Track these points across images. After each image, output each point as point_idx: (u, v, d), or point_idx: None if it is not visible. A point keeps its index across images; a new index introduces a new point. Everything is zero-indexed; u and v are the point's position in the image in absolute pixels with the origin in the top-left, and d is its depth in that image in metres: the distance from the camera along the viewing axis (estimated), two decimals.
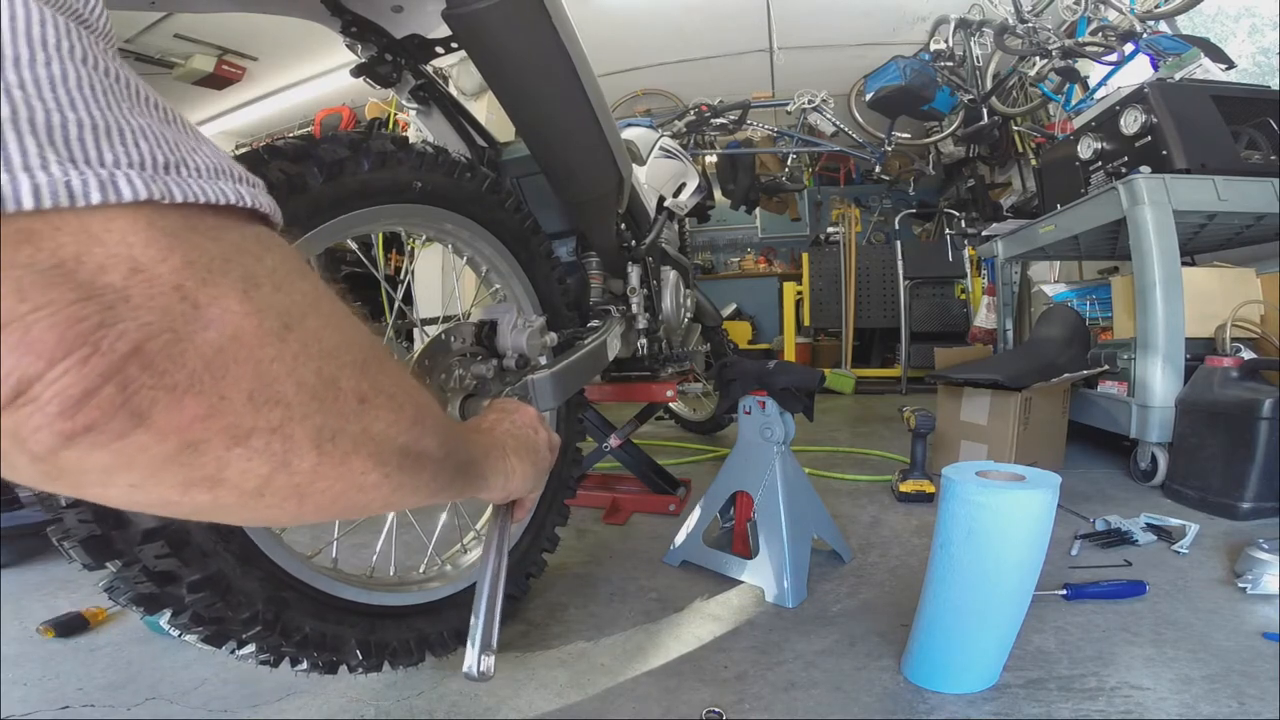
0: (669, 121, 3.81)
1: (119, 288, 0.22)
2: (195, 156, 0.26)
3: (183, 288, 0.24)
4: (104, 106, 0.23)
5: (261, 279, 0.27)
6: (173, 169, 0.25)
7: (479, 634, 0.57)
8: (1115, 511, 1.56)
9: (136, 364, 0.22)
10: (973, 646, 0.90)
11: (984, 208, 4.14)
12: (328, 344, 0.29)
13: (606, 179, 1.27)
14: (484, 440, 0.53)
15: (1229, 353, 1.85)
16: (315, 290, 0.30)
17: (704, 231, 6.42)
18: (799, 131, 4.13)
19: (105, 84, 0.23)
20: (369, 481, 0.33)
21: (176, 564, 0.65)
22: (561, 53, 1.01)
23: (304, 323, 0.28)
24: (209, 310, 0.24)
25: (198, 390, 0.24)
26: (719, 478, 1.37)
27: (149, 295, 0.23)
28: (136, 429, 0.23)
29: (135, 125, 0.24)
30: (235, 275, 0.26)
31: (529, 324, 1.01)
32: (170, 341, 0.23)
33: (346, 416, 0.30)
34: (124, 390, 0.22)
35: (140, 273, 0.23)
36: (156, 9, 0.92)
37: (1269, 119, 2.05)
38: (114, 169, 0.22)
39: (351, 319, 0.32)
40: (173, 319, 0.23)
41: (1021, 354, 2.48)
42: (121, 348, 0.22)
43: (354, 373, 0.31)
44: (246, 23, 3.52)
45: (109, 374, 0.22)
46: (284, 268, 0.28)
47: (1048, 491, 0.84)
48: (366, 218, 0.87)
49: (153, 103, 0.26)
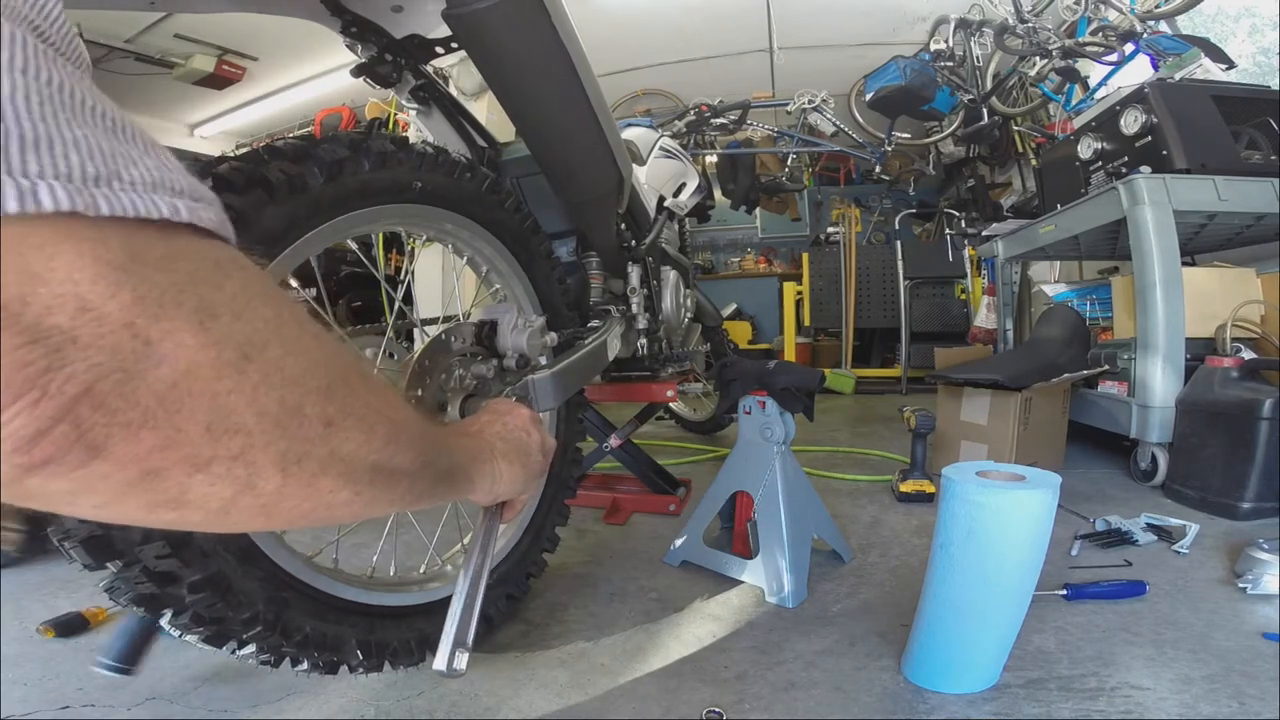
0: (669, 121, 3.81)
1: (66, 329, 0.21)
2: (133, 169, 0.25)
3: (133, 325, 0.23)
4: (36, 118, 0.22)
5: (220, 308, 0.26)
6: (104, 181, 0.23)
7: (454, 630, 0.57)
8: (1115, 511, 1.56)
9: (87, 404, 0.22)
10: (973, 646, 0.90)
11: (984, 208, 4.14)
12: (291, 371, 0.29)
13: (606, 179, 1.27)
14: (469, 444, 0.52)
15: (1229, 353, 1.85)
16: (279, 316, 0.29)
17: (704, 231, 6.42)
18: (799, 131, 4.13)
19: (45, 94, 0.23)
20: (338, 499, 0.33)
21: (177, 564, 0.65)
22: (561, 53, 1.01)
23: (265, 352, 0.28)
24: (161, 346, 0.24)
25: (152, 425, 0.24)
26: (719, 478, 1.37)
27: (97, 334, 0.22)
28: (94, 460, 0.23)
29: (69, 137, 0.23)
30: (190, 307, 0.25)
31: (529, 324, 1.01)
32: (121, 381, 0.23)
33: (312, 440, 0.30)
34: (77, 428, 0.22)
35: (88, 311, 0.22)
36: (156, 9, 0.92)
37: (1269, 119, 2.05)
38: (36, 179, 0.22)
39: (319, 340, 0.32)
40: (123, 358, 0.23)
41: (1021, 354, 2.48)
42: (70, 390, 0.22)
43: (319, 398, 0.30)
44: (246, 23, 3.52)
45: (59, 415, 0.22)
46: (245, 293, 0.28)
47: (1048, 491, 0.83)
48: (367, 218, 0.87)
49: (99, 112, 0.25)
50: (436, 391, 0.87)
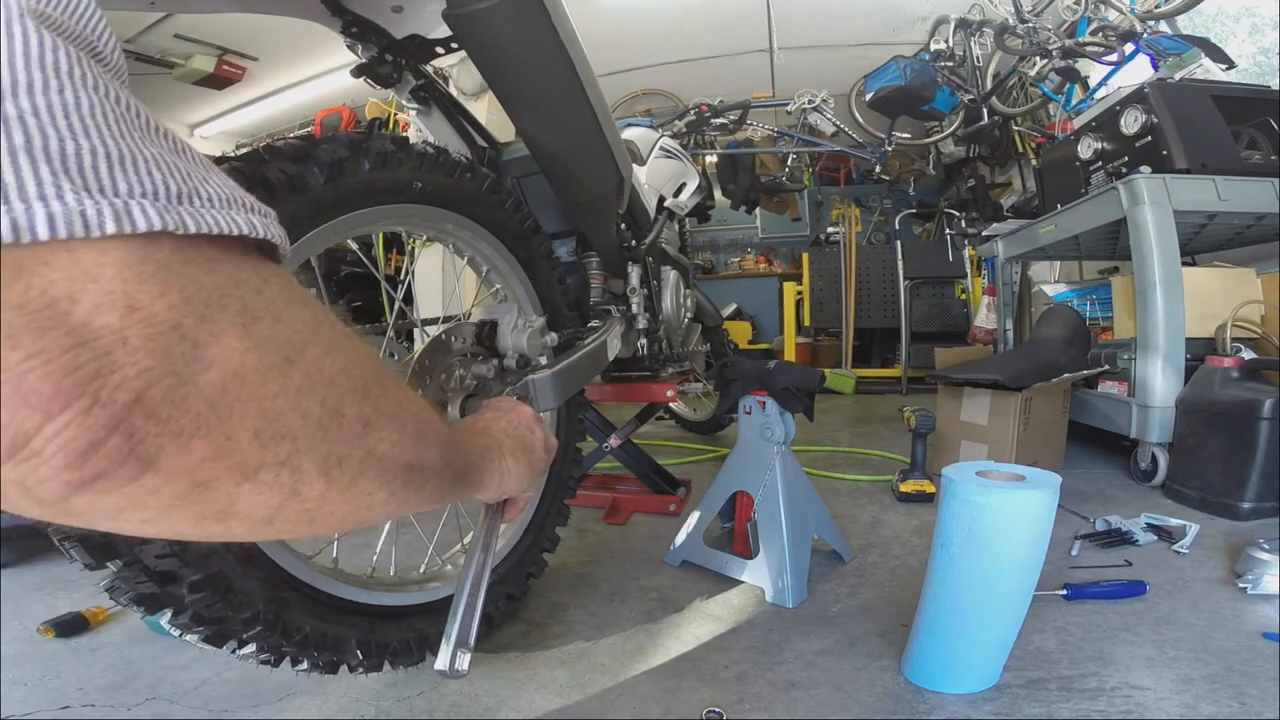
0: (669, 121, 3.80)
1: (115, 329, 0.21)
2: (207, 186, 0.25)
3: (181, 326, 0.23)
4: (117, 135, 0.22)
5: (261, 311, 0.26)
6: (185, 199, 0.24)
7: (455, 630, 0.56)
8: (1115, 511, 1.55)
9: (140, 413, 0.21)
10: (973, 646, 0.90)
11: (984, 208, 4.14)
12: (329, 373, 0.29)
13: (606, 179, 1.27)
14: (479, 441, 0.53)
15: (1229, 353, 1.85)
16: (315, 318, 0.29)
17: (704, 231, 6.42)
18: (799, 131, 4.13)
19: (118, 112, 0.23)
20: (376, 500, 0.33)
21: (177, 564, 0.65)
22: (562, 53, 1.01)
23: (305, 354, 0.28)
24: (209, 349, 0.23)
25: (204, 433, 0.23)
26: (719, 478, 1.37)
27: (147, 336, 0.22)
28: (145, 473, 0.22)
29: (148, 154, 0.23)
30: (234, 310, 0.25)
31: (529, 324, 1.01)
32: (172, 386, 0.22)
33: (351, 442, 0.30)
34: (130, 439, 0.21)
35: (137, 311, 0.21)
36: (156, 9, 0.92)
37: (1269, 119, 2.05)
38: (128, 199, 0.22)
39: (352, 342, 0.32)
40: (173, 362, 0.22)
41: (1022, 354, 2.48)
42: (122, 397, 0.21)
43: (357, 398, 0.31)
44: (246, 23, 3.52)
45: (113, 425, 0.21)
46: (283, 298, 0.28)
47: (1048, 492, 0.83)
48: (367, 218, 0.87)
49: (163, 133, 0.25)
50: (437, 391, 0.87)
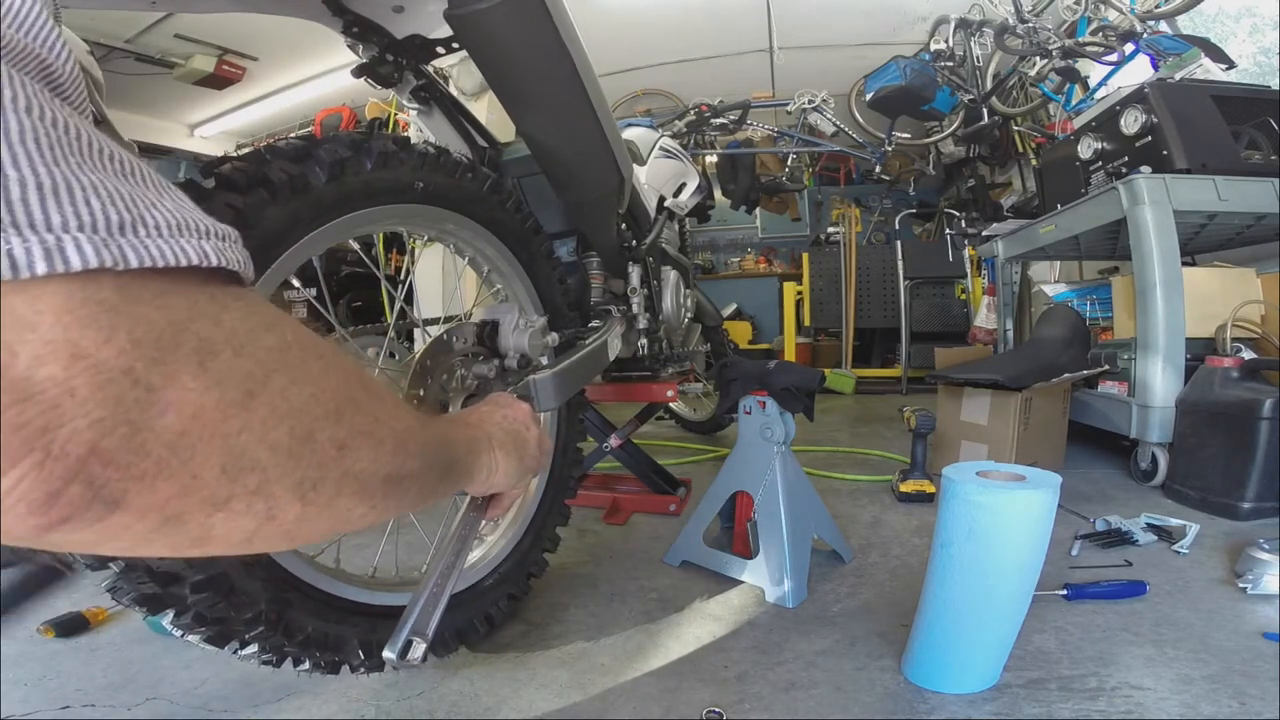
0: (669, 121, 3.81)
1: (60, 380, 0.20)
2: (154, 212, 0.24)
3: (132, 371, 0.21)
4: (50, 162, 0.21)
5: (219, 345, 0.25)
6: (128, 229, 0.22)
7: (413, 618, 0.55)
8: (1115, 511, 1.56)
9: (97, 462, 0.21)
10: (973, 646, 0.90)
11: (984, 208, 4.14)
12: (297, 400, 0.28)
13: (607, 179, 1.27)
14: (467, 435, 0.52)
15: (1229, 353, 1.85)
16: (281, 343, 0.28)
17: (704, 231, 6.42)
18: (799, 131, 4.13)
19: (53, 136, 0.21)
20: (356, 515, 0.33)
21: (179, 564, 0.65)
22: (563, 53, 1.01)
23: (269, 384, 0.27)
24: (164, 393, 0.22)
25: (168, 475, 0.23)
26: (719, 478, 1.37)
27: (96, 386, 0.21)
28: (114, 513, 0.22)
29: (86, 181, 0.22)
30: (189, 347, 0.24)
31: (530, 324, 1.01)
32: (128, 435, 0.22)
33: (326, 465, 0.30)
34: (91, 485, 0.21)
35: (82, 359, 0.20)
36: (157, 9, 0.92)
37: (1269, 119, 2.05)
38: (61, 233, 0.20)
39: (323, 362, 0.31)
40: (126, 409, 0.21)
41: (1022, 354, 2.48)
42: (76, 450, 0.20)
43: (330, 422, 0.30)
44: (246, 23, 3.52)
45: (70, 476, 0.20)
46: (245, 326, 0.26)
47: (1048, 492, 0.84)
48: (368, 218, 0.87)
49: (107, 154, 0.24)
50: (438, 391, 0.87)
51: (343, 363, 0.33)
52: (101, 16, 3.38)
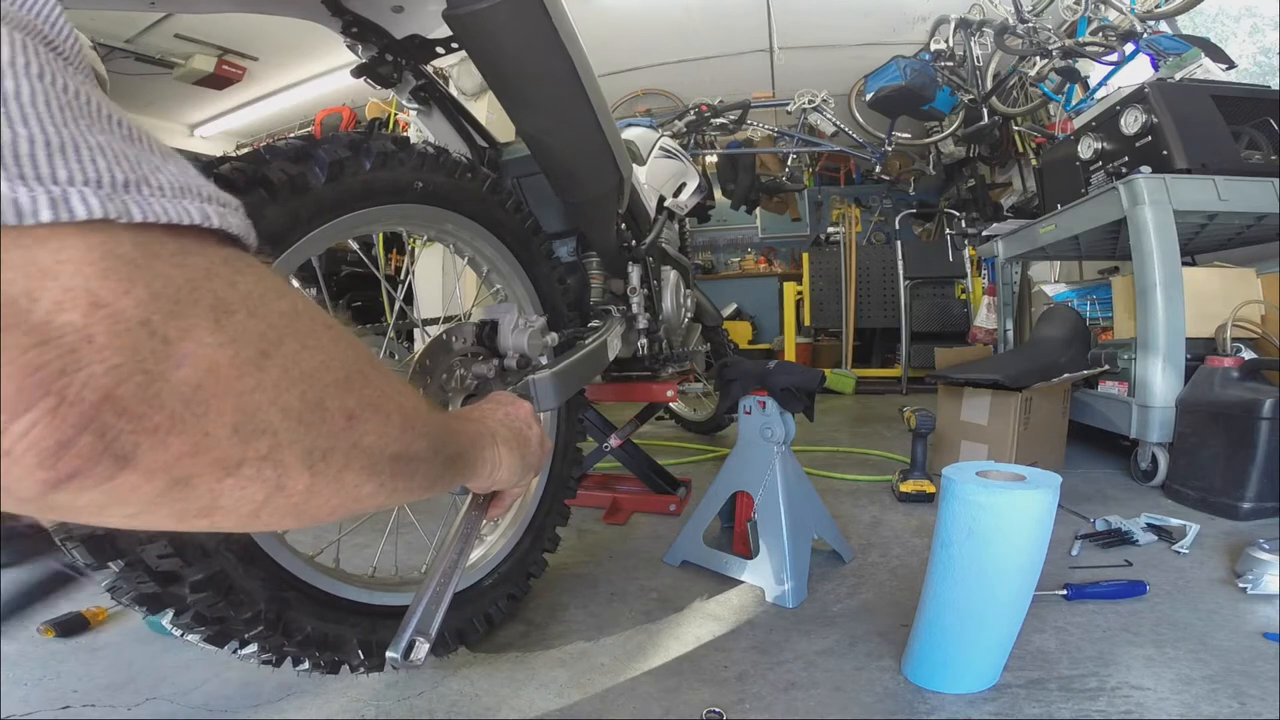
0: (669, 121, 3.81)
1: (80, 327, 0.20)
2: (158, 175, 0.24)
3: (150, 322, 0.22)
4: (59, 123, 0.21)
5: (234, 305, 0.25)
6: (132, 187, 0.23)
7: (417, 617, 0.54)
8: (1116, 511, 1.55)
9: (111, 410, 0.21)
10: (973, 646, 0.90)
11: (984, 208, 4.14)
12: (308, 365, 0.28)
13: (607, 179, 1.27)
14: (472, 429, 0.52)
15: (1229, 353, 1.85)
16: (293, 310, 0.29)
17: (704, 231, 6.42)
18: (799, 131, 4.13)
19: (62, 100, 0.22)
20: (364, 492, 0.33)
21: (179, 564, 0.65)
22: (562, 53, 1.01)
23: (282, 347, 0.27)
24: (181, 345, 0.23)
25: (180, 430, 0.23)
26: (719, 478, 1.37)
27: (114, 334, 0.21)
28: (123, 471, 0.22)
29: (93, 142, 0.22)
30: (205, 304, 0.24)
31: (530, 324, 1.01)
32: (143, 384, 0.22)
33: (335, 435, 0.30)
34: (103, 437, 0.21)
35: (102, 308, 0.21)
36: (156, 9, 0.92)
37: (1269, 119, 2.05)
38: (67, 186, 0.21)
39: (333, 333, 0.31)
40: (143, 359, 0.22)
41: (1022, 354, 2.48)
42: (90, 395, 0.20)
43: (339, 390, 0.30)
44: (246, 23, 3.52)
45: (83, 423, 0.20)
46: (258, 290, 0.27)
47: (1048, 492, 0.84)
48: (368, 218, 0.87)
49: (115, 120, 0.24)
50: (438, 391, 0.87)
51: (351, 338, 0.33)
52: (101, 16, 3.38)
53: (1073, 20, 3.21)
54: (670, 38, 4.21)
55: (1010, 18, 3.33)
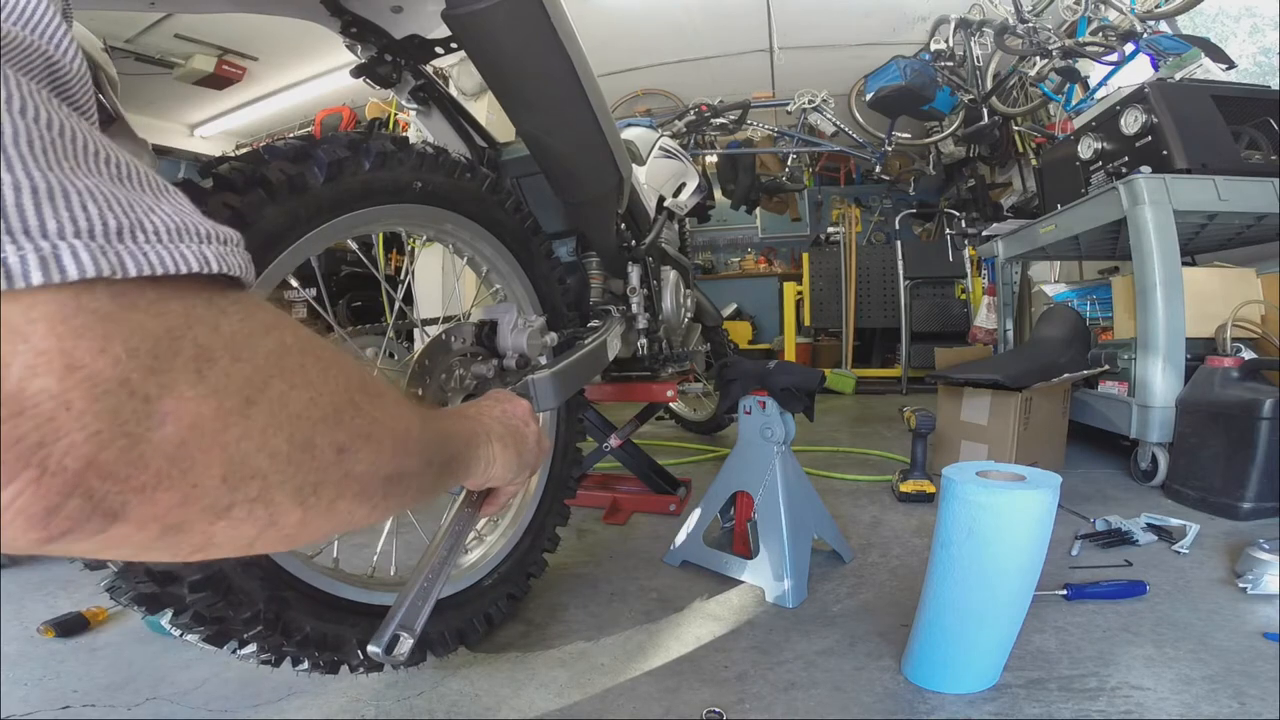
0: (669, 121, 3.81)
1: (55, 393, 0.19)
2: (152, 217, 0.23)
3: (129, 381, 0.21)
4: (44, 166, 0.20)
5: (217, 352, 0.24)
6: (125, 234, 0.22)
7: (402, 612, 0.53)
8: (1116, 511, 1.55)
9: (95, 476, 0.21)
10: (973, 646, 0.90)
11: (984, 208, 4.14)
12: (296, 405, 0.28)
13: (606, 179, 1.27)
14: (467, 427, 0.52)
15: (1229, 353, 1.85)
16: (280, 346, 0.28)
17: (704, 231, 6.42)
18: (799, 131, 4.13)
19: (47, 139, 0.21)
20: (357, 516, 0.33)
21: (178, 564, 0.65)
22: (561, 53, 1.01)
23: (268, 390, 0.26)
24: (162, 403, 0.22)
25: (168, 486, 0.23)
26: (719, 478, 1.37)
27: (92, 398, 0.20)
28: (114, 525, 0.22)
29: (82, 186, 0.21)
30: (187, 355, 0.23)
31: (529, 324, 1.01)
32: (126, 447, 0.21)
33: (326, 469, 0.29)
34: (90, 499, 0.21)
35: (77, 371, 0.20)
36: (156, 9, 0.92)
37: (1269, 119, 2.05)
38: (57, 239, 0.20)
39: (322, 364, 0.30)
40: (124, 421, 0.21)
41: (1022, 354, 2.48)
42: (73, 464, 0.20)
43: (329, 426, 0.30)
44: (246, 23, 3.52)
45: (68, 491, 0.20)
46: (244, 330, 0.26)
47: (1048, 492, 0.83)
48: (367, 218, 0.87)
49: (103, 158, 0.23)
50: (437, 391, 0.87)
51: (342, 364, 0.32)
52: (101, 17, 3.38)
53: (1073, 20, 3.21)
54: (670, 38, 4.21)
55: (1010, 18, 3.33)
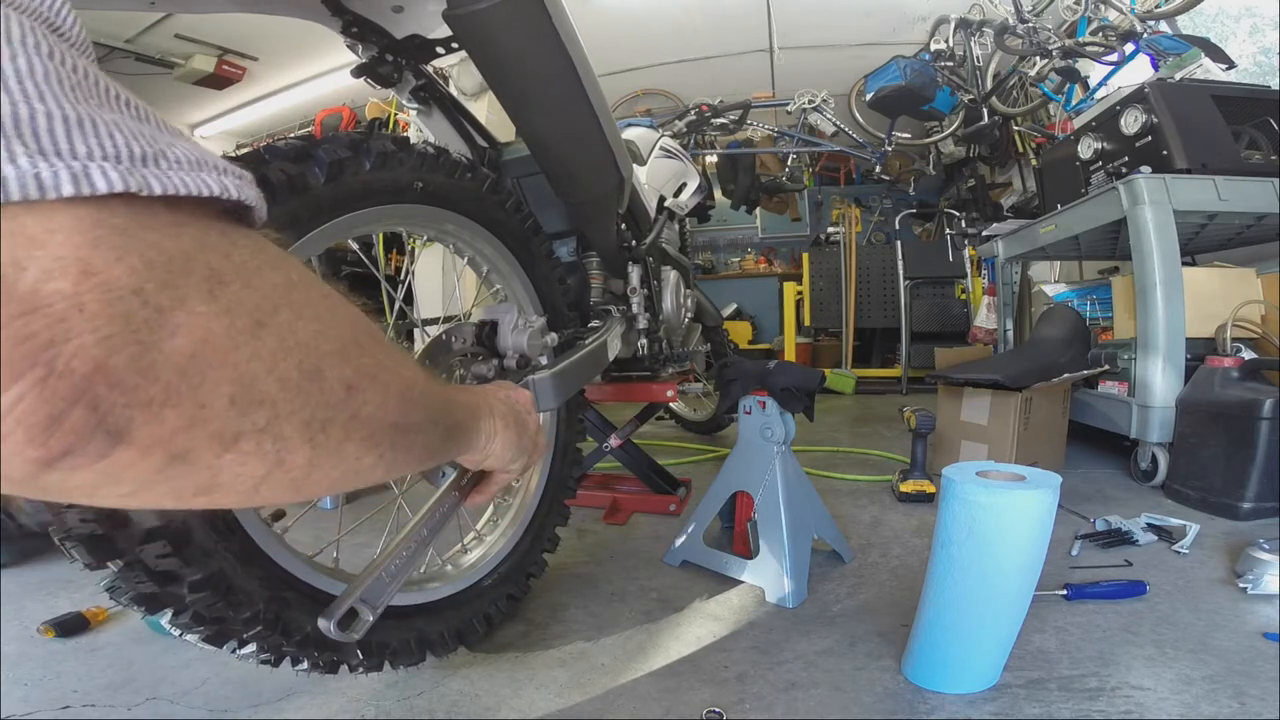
0: (669, 121, 3.81)
1: (69, 295, 0.20)
2: (174, 149, 0.24)
3: (143, 291, 0.21)
4: (74, 100, 0.21)
5: (228, 276, 0.25)
6: (150, 161, 0.23)
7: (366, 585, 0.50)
8: (1116, 511, 1.55)
9: (103, 382, 0.20)
10: (973, 646, 0.90)
11: (984, 208, 4.14)
12: (304, 335, 0.28)
13: (607, 179, 1.27)
14: (469, 399, 0.52)
15: (1229, 353, 1.85)
16: (287, 280, 0.28)
17: (704, 231, 6.42)
18: (799, 131, 4.13)
19: (74, 79, 0.22)
20: (365, 464, 0.33)
21: (177, 563, 0.65)
22: (562, 53, 1.01)
23: (277, 316, 0.27)
24: (174, 315, 0.22)
25: (176, 402, 0.22)
26: (719, 478, 1.37)
27: (106, 302, 0.20)
28: (117, 448, 0.22)
29: (108, 119, 0.22)
30: (199, 274, 0.24)
31: (529, 324, 1.01)
32: (137, 354, 0.21)
33: (334, 405, 0.29)
34: (95, 411, 0.20)
35: (92, 276, 0.20)
36: (156, 9, 0.92)
37: (1269, 119, 2.05)
38: (87, 161, 0.21)
39: (330, 302, 0.31)
40: (136, 328, 0.21)
41: (1022, 354, 2.48)
42: (81, 366, 0.20)
43: (337, 360, 0.30)
44: (246, 23, 3.52)
45: (74, 396, 0.20)
46: (253, 262, 0.27)
47: (1048, 492, 0.83)
48: (367, 218, 0.87)
49: (124, 100, 0.24)
50: None
51: (347, 308, 0.33)
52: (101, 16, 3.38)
53: (1073, 20, 3.21)
54: (670, 38, 4.21)
55: (1010, 18, 3.33)
